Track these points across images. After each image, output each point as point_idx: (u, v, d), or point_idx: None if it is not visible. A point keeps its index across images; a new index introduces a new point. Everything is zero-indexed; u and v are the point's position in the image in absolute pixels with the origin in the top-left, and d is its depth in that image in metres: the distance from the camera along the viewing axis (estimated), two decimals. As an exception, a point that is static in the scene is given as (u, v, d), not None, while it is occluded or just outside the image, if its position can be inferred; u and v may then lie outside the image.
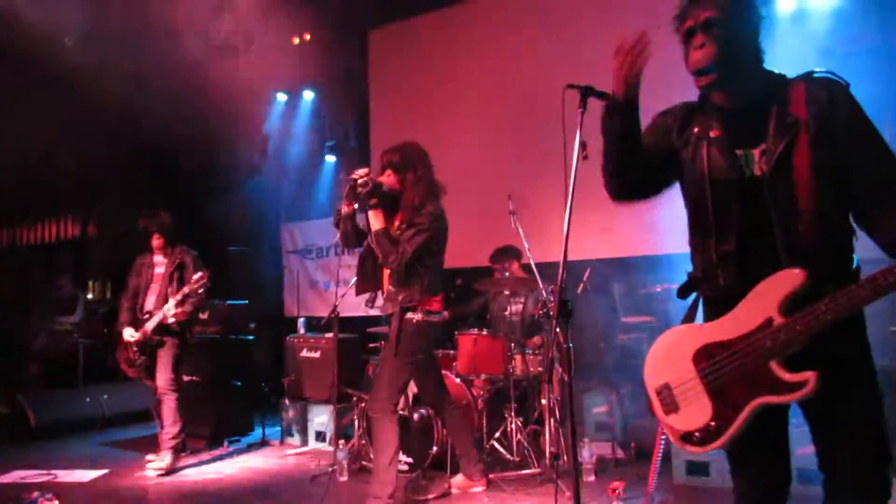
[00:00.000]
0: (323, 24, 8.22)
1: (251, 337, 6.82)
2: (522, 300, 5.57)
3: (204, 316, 6.35)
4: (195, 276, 5.18)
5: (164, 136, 7.69)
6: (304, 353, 6.20)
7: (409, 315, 3.82)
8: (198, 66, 6.99)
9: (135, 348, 5.26)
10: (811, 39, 5.33)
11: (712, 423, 1.87)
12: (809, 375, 1.73)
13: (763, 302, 1.82)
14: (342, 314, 5.68)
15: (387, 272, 3.95)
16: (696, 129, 2.03)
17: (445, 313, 4.01)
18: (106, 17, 6.41)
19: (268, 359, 7.72)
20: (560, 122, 2.16)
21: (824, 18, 5.54)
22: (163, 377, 5.24)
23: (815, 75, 1.92)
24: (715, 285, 1.98)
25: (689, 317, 2.06)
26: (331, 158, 8.82)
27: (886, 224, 1.80)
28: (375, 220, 3.79)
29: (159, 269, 5.43)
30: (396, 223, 3.87)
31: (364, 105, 8.38)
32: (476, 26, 7.25)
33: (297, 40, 8.36)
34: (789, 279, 1.79)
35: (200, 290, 5.17)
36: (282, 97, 8.86)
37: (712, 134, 1.98)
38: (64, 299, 8.87)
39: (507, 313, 5.66)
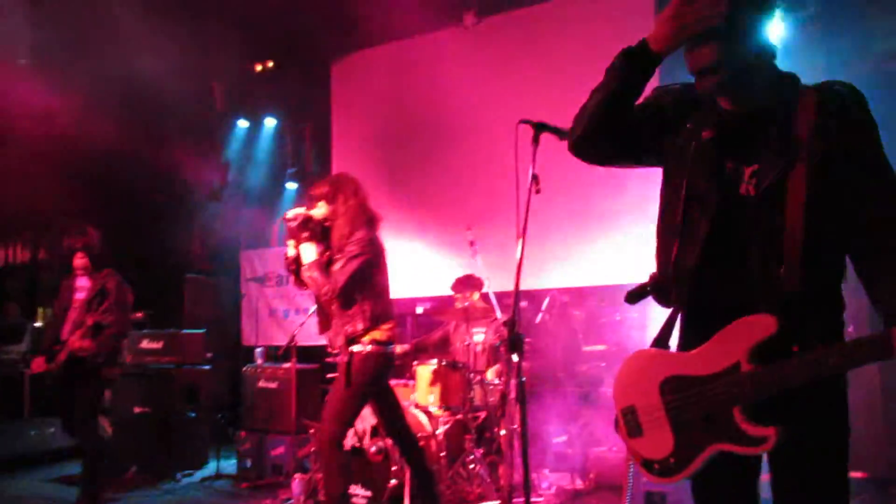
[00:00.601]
0: (287, 53, 8.24)
1: (207, 366, 6.67)
2: (483, 330, 5.56)
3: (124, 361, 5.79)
4: (101, 308, 4.65)
5: (121, 161, 7.56)
6: (262, 384, 6.09)
7: (358, 348, 3.74)
8: (158, 89, 6.92)
9: (48, 382, 4.73)
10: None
11: (671, 459, 1.79)
12: (770, 432, 1.62)
13: (732, 344, 1.69)
14: (301, 343, 5.62)
15: (334, 307, 3.84)
16: (689, 124, 1.79)
17: (399, 347, 3.96)
18: (60, 39, 6.31)
19: (224, 389, 7.57)
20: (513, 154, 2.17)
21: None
22: (75, 422, 4.71)
23: (834, 88, 1.68)
24: (665, 300, 1.84)
25: (663, 338, 1.88)
26: (292, 186, 8.77)
27: (883, 291, 1.61)
28: (307, 253, 3.75)
29: (80, 294, 4.84)
30: (328, 255, 3.83)
31: (326, 133, 8.37)
32: (436, 58, 7.31)
33: (259, 67, 8.35)
34: (760, 326, 1.64)
35: (113, 331, 4.64)
36: (243, 123, 8.81)
37: (704, 135, 1.74)
38: (11, 327, 8.58)
39: (467, 343, 5.63)
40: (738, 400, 1.66)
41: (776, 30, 5.06)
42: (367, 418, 4.55)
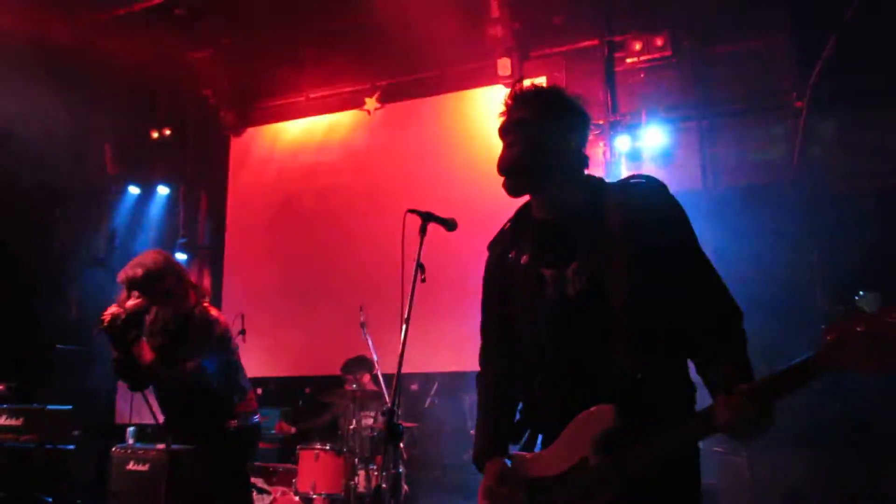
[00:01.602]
0: (185, 122, 8.14)
1: (71, 447, 6.17)
2: (372, 413, 5.46)
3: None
4: None
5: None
6: (131, 466, 5.66)
7: (229, 422, 3.55)
8: (42, 148, 6.63)
9: None
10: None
11: None
12: None
13: (578, 439, 1.67)
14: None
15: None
16: (511, 254, 1.90)
17: (285, 426, 3.83)
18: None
19: (90, 472, 7.00)
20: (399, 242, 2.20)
21: (656, 157, 6.15)
22: None
23: (633, 181, 1.82)
24: (542, 424, 1.85)
25: (529, 444, 1.88)
26: (181, 256, 8.47)
27: (709, 371, 1.66)
28: (144, 353, 3.44)
29: None
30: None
31: (221, 204, 8.22)
32: (336, 139, 7.43)
33: (156, 134, 8.18)
34: (599, 417, 1.64)
35: None
36: (134, 190, 8.52)
37: (522, 261, 1.85)
38: None
39: (355, 427, 5.50)
40: (591, 496, 1.64)
41: (658, 137, 5.41)
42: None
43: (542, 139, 1.80)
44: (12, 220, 7.16)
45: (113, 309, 3.39)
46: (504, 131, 1.86)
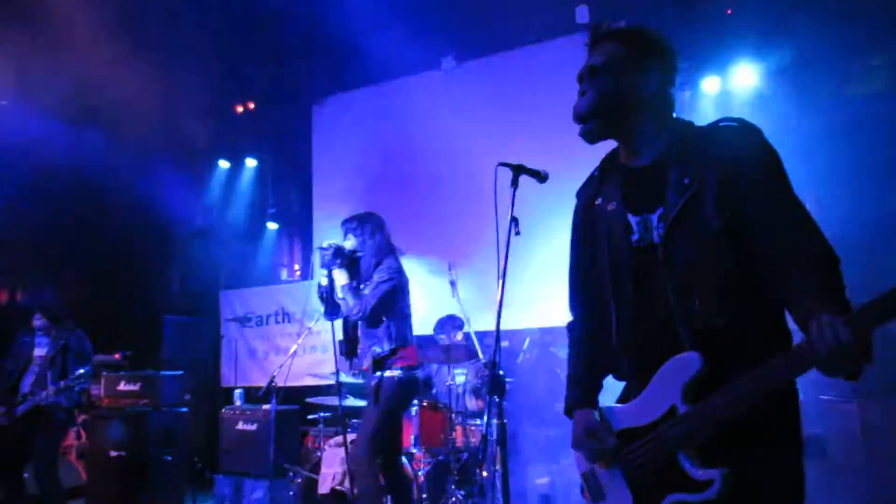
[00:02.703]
0: (267, 94, 8.32)
1: (185, 409, 6.57)
2: (465, 371, 5.55)
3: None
4: (78, 372, 4.81)
5: (100, 201, 7.54)
6: (241, 426, 6.01)
7: (389, 372, 3.91)
8: (140, 130, 6.94)
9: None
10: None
11: None
12: (715, 474, 1.54)
13: (666, 388, 1.65)
14: (281, 384, 5.56)
15: (359, 331, 4.13)
16: (598, 201, 1.89)
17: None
18: (44, 75, 6.32)
19: (202, 432, 7.45)
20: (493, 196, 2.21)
21: (746, 102, 5.88)
22: (38, 467, 4.85)
23: (722, 124, 1.74)
24: (620, 372, 1.85)
25: (624, 397, 1.86)
26: (272, 226, 8.77)
27: (795, 300, 1.57)
28: (340, 277, 4.02)
29: (40, 350, 5.03)
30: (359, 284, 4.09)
31: (307, 173, 8.41)
32: (415, 101, 7.42)
33: (241, 109, 8.42)
34: (686, 364, 1.61)
35: (77, 388, 4.84)
36: (224, 164, 8.83)
37: (610, 207, 1.83)
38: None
39: (449, 384, 5.62)
40: (678, 444, 1.61)
41: (749, 77, 5.16)
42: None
43: (613, 84, 1.77)
44: (117, 200, 7.56)
45: (331, 240, 4.14)
46: (578, 79, 1.84)
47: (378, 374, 3.94)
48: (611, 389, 1.92)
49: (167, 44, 6.74)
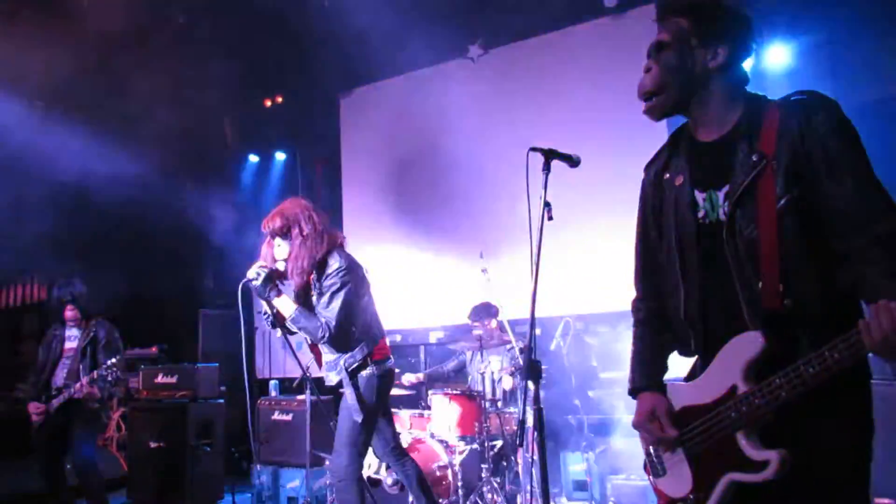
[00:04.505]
0: (295, 87, 8.36)
1: (221, 400, 6.67)
2: (499, 358, 5.55)
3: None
4: (109, 362, 4.81)
5: (133, 198, 7.66)
6: (276, 416, 6.08)
7: (362, 373, 3.60)
8: (170, 127, 7.03)
9: (37, 426, 4.91)
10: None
11: (691, 496, 1.73)
12: (773, 455, 1.53)
13: (727, 367, 1.64)
14: (315, 375, 5.61)
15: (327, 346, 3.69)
16: (667, 175, 1.86)
17: (412, 376, 3.90)
18: (74, 80, 6.43)
19: (238, 422, 7.54)
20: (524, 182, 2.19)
21: (780, 79, 5.76)
22: (76, 459, 4.89)
23: (795, 98, 1.68)
24: (687, 349, 1.82)
25: (691, 374, 1.84)
26: (303, 219, 8.82)
27: (862, 279, 1.53)
28: (284, 308, 3.58)
29: (71, 343, 5.07)
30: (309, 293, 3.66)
31: (336, 165, 8.45)
32: (443, 90, 7.40)
33: (269, 103, 8.47)
34: (749, 344, 1.59)
35: (110, 378, 4.84)
36: (254, 158, 8.91)
37: (677, 183, 1.81)
38: (25, 365, 8.62)
39: (483, 372, 5.62)
40: (739, 425, 1.60)
41: (781, 56, 5.05)
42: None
43: (679, 60, 1.73)
44: (152, 198, 7.67)
45: (257, 265, 3.60)
46: (647, 55, 1.80)
47: (351, 381, 3.57)
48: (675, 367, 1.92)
49: (195, 40, 6.81)
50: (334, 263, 3.55)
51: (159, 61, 6.50)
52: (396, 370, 3.97)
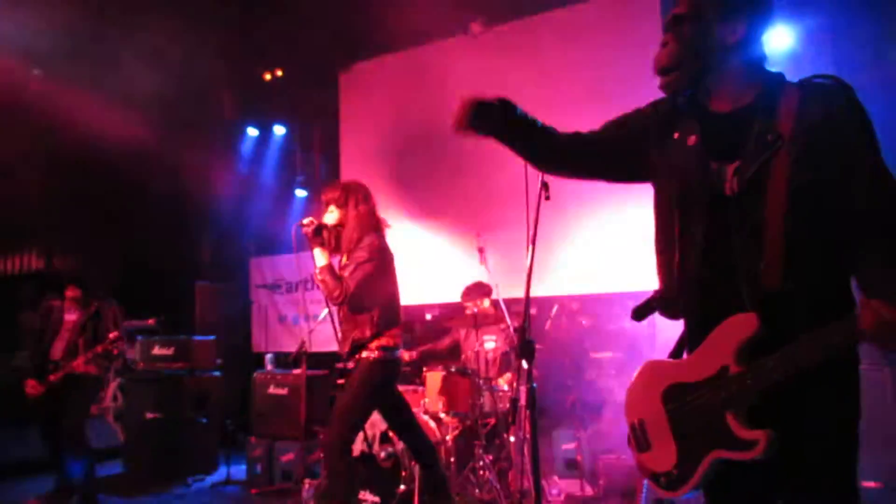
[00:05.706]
0: (295, 61, 8.30)
1: (217, 373, 6.71)
2: (493, 337, 5.58)
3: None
4: (110, 336, 4.77)
5: (131, 168, 7.64)
6: (272, 390, 6.12)
7: (365, 354, 3.75)
8: (168, 98, 6.99)
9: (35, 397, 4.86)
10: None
11: (675, 471, 1.76)
12: (760, 435, 1.55)
13: (719, 347, 1.65)
14: (311, 350, 5.65)
15: (340, 312, 3.89)
16: (676, 135, 1.81)
17: (405, 353, 3.95)
18: (70, 47, 6.37)
19: (234, 395, 7.61)
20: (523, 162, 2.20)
21: (781, 63, 5.73)
22: (66, 426, 4.83)
23: (815, 81, 1.66)
24: (672, 313, 1.81)
25: (677, 351, 1.87)
26: (301, 193, 8.82)
27: (861, 268, 1.56)
28: (318, 258, 3.82)
29: (70, 316, 5.01)
30: (342, 259, 3.92)
31: (335, 141, 8.42)
32: (444, 67, 7.35)
33: (268, 76, 8.42)
34: (742, 325, 1.60)
35: (114, 352, 4.81)
36: (252, 132, 8.88)
37: (689, 143, 1.76)
38: (24, 334, 8.66)
39: (477, 350, 5.66)
40: (727, 404, 1.62)
41: (783, 38, 5.00)
42: (377, 424, 4.58)
43: (697, 33, 1.70)
44: (149, 170, 7.65)
45: (309, 219, 3.90)
46: (663, 30, 1.78)
47: (356, 358, 3.77)
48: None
49: (194, 11, 6.75)
50: (372, 241, 3.82)
51: (161, 32, 6.44)
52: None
